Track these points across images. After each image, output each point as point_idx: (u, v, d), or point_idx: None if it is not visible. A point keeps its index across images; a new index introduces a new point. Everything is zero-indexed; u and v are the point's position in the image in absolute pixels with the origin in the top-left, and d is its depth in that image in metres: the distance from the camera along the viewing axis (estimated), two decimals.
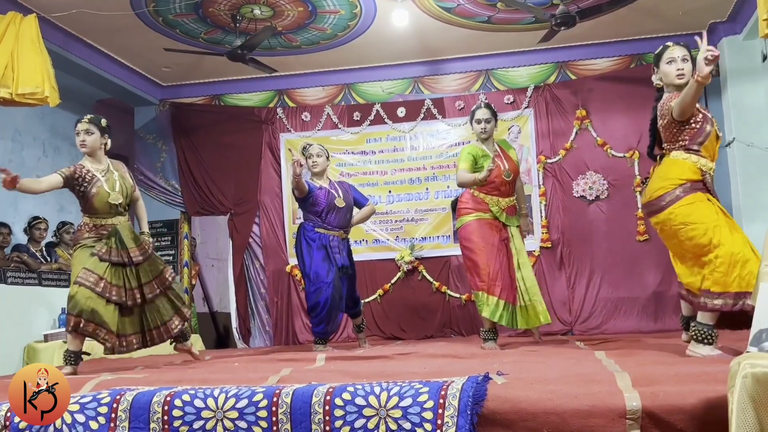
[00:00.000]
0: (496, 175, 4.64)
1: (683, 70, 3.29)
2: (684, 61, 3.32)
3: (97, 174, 4.10)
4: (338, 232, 5.09)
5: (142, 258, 4.13)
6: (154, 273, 4.20)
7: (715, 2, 6.25)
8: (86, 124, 4.12)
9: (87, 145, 4.11)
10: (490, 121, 4.74)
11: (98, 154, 4.17)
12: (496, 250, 4.58)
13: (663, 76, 3.39)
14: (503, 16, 6.38)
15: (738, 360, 1.70)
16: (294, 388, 2.23)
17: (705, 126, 3.28)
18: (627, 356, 3.31)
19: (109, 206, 4.09)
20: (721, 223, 3.14)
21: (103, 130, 4.18)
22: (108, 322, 3.92)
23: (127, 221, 4.23)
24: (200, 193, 7.60)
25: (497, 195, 4.69)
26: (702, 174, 3.25)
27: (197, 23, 6.36)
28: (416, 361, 3.62)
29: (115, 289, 4.00)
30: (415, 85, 7.53)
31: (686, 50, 3.35)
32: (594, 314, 6.73)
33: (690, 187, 3.23)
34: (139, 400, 2.30)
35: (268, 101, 7.75)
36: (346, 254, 5.13)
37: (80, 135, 4.11)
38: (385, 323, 7.14)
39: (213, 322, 8.52)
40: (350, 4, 6.07)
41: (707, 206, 3.20)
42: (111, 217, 4.12)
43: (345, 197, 5.14)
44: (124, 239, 4.09)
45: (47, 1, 5.63)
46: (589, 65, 7.18)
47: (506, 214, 4.72)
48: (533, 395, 2.06)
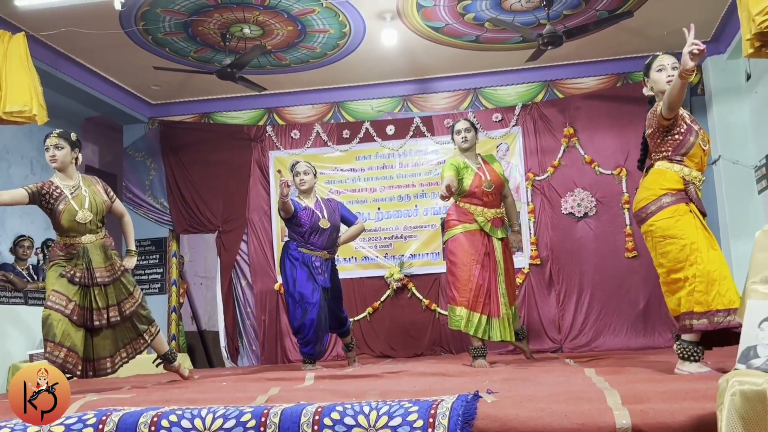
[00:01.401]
0: (476, 186, 4.72)
1: (673, 77, 3.24)
2: (674, 68, 3.33)
3: (65, 191, 4.00)
4: (321, 253, 5.06)
5: (108, 279, 4.04)
6: (119, 297, 4.11)
7: (699, 22, 6.32)
8: (56, 138, 4.04)
9: (57, 159, 4.02)
10: (470, 131, 4.86)
11: (69, 169, 4.08)
12: (480, 264, 4.63)
13: (653, 84, 3.41)
14: (491, 36, 6.45)
15: (726, 377, 1.71)
16: (282, 408, 2.21)
17: (688, 137, 3.29)
18: (616, 374, 3.31)
19: (77, 224, 3.99)
20: (700, 240, 3.15)
21: (73, 144, 4.09)
22: (77, 345, 3.87)
23: (100, 239, 4.10)
24: (188, 210, 7.58)
25: (481, 205, 4.75)
26: (684, 183, 3.25)
27: (187, 42, 6.38)
28: (406, 379, 3.60)
29: (79, 311, 3.93)
30: (404, 103, 7.57)
31: (676, 59, 3.35)
32: (583, 331, 6.73)
33: (672, 196, 3.24)
34: (126, 421, 2.27)
35: (258, 119, 7.76)
36: (328, 276, 5.07)
37: (50, 150, 4.02)
38: (375, 341, 7.10)
39: (201, 340, 8.46)
40: (339, 24, 6.12)
41: (687, 221, 3.20)
42: (80, 236, 4.02)
43: (330, 217, 5.10)
44: (92, 259, 4.00)
45: (36, 19, 5.63)
46: (576, 84, 7.25)
47: (491, 224, 4.75)
48: (523, 414, 2.05)
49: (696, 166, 3.32)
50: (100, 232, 4.11)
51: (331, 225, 5.10)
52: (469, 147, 4.85)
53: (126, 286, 4.16)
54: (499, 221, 4.80)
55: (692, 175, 3.29)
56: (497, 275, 4.68)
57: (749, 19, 4.05)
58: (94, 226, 4.06)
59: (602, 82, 7.20)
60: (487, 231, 4.72)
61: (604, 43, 6.66)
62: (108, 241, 4.17)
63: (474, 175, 4.75)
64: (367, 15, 5.99)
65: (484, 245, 4.69)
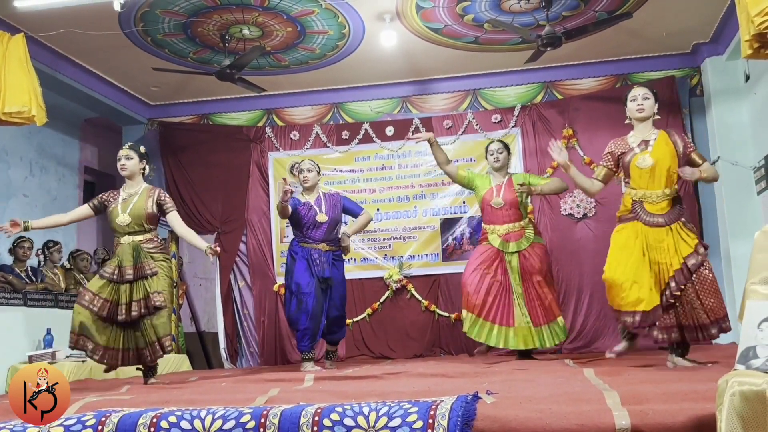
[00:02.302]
0: (486, 202, 5.15)
1: (643, 105, 3.91)
2: (645, 98, 3.92)
3: (121, 196, 4.46)
4: (320, 245, 5.14)
5: (131, 277, 4.31)
6: (142, 294, 4.31)
7: (698, 23, 6.35)
8: (127, 150, 4.52)
9: (127, 168, 4.48)
10: (501, 152, 5.23)
11: (137, 178, 4.54)
12: (489, 275, 5.02)
13: (628, 111, 3.98)
14: (490, 37, 6.45)
15: (726, 378, 1.71)
16: (282, 409, 2.21)
17: (624, 159, 3.92)
18: (616, 374, 3.31)
19: (119, 226, 4.39)
20: (616, 251, 3.89)
21: (141, 156, 4.56)
22: (95, 335, 4.21)
23: (137, 241, 4.39)
24: (188, 211, 7.55)
25: (492, 223, 5.14)
26: (632, 204, 3.86)
27: (186, 43, 6.38)
28: (405, 380, 3.60)
29: (103, 303, 4.25)
30: (404, 104, 7.57)
31: (647, 89, 3.98)
32: (583, 332, 6.73)
33: (623, 218, 3.93)
34: (125, 422, 2.26)
35: (257, 120, 7.76)
36: (328, 266, 5.12)
37: (121, 160, 4.49)
38: (374, 342, 7.10)
39: (200, 341, 8.44)
40: (339, 25, 6.12)
41: (619, 236, 3.90)
42: (121, 237, 4.41)
43: (330, 212, 5.17)
44: (124, 258, 4.34)
45: (35, 20, 5.63)
46: (575, 85, 7.25)
47: (502, 240, 5.09)
48: (522, 414, 2.05)
49: (643, 186, 3.88)
50: (142, 234, 4.42)
51: (330, 219, 5.16)
52: (500, 167, 5.22)
53: (151, 285, 4.31)
54: (513, 236, 5.10)
55: (638, 194, 3.88)
56: (510, 288, 5.04)
57: (748, 20, 4.05)
58: (134, 229, 4.40)
59: (601, 83, 7.20)
60: (497, 246, 5.08)
61: (603, 45, 6.66)
62: (149, 244, 4.42)
63: (488, 189, 5.16)
64: (367, 16, 6.00)
65: (496, 260, 5.06)
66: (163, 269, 4.42)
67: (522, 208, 5.20)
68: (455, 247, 7.17)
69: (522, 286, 5.05)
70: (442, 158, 5.26)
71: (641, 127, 3.97)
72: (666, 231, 3.78)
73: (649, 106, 3.92)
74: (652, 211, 3.82)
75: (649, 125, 3.96)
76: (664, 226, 3.79)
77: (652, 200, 3.83)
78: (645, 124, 3.96)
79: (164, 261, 4.49)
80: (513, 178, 5.24)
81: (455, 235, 7.19)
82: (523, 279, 5.05)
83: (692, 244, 3.76)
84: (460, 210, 7.23)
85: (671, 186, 3.85)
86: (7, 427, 2.28)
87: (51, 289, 6.20)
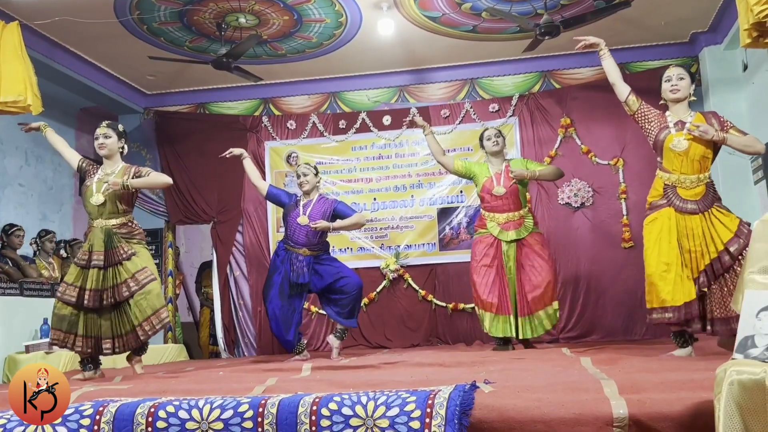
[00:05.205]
0: (486, 191, 5.14)
1: (678, 86, 3.76)
2: (680, 78, 3.77)
3: (96, 173, 4.30)
4: (302, 250, 5.14)
5: (101, 263, 4.15)
6: (114, 282, 4.19)
7: (696, 13, 6.33)
8: (105, 128, 4.36)
9: (106, 147, 4.32)
10: (498, 136, 5.24)
11: (115, 157, 4.36)
12: (489, 267, 5.05)
13: (662, 92, 3.83)
14: (488, 26, 6.42)
15: (724, 367, 1.71)
16: (280, 398, 2.21)
17: (659, 136, 3.70)
18: (613, 364, 3.32)
19: (92, 207, 4.24)
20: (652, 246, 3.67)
21: (120, 134, 4.40)
22: (79, 326, 4.13)
23: (109, 225, 4.22)
24: (184, 201, 7.54)
25: (492, 211, 5.13)
26: (664, 188, 3.68)
27: (182, 31, 6.34)
28: (403, 370, 3.61)
29: (78, 292, 4.15)
30: (401, 93, 7.54)
31: (683, 69, 3.82)
32: (580, 322, 6.74)
33: (654, 204, 3.75)
34: (123, 411, 2.26)
35: (254, 109, 7.73)
36: (308, 272, 5.11)
37: (99, 138, 4.33)
38: (371, 332, 7.11)
39: (197, 332, 8.45)
40: (336, 14, 6.08)
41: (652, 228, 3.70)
42: (94, 219, 4.25)
43: (315, 216, 5.10)
44: (94, 243, 4.20)
45: (30, 8, 5.59)
46: (573, 74, 7.23)
47: (501, 228, 5.08)
48: (520, 404, 2.05)
49: (677, 170, 3.69)
50: (113, 219, 4.24)
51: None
52: (499, 150, 5.22)
53: (121, 273, 4.19)
54: (512, 224, 5.10)
55: (672, 178, 3.69)
56: (507, 276, 5.05)
57: (747, 9, 4.04)
58: (107, 210, 4.23)
59: (599, 73, 7.12)
60: (495, 235, 5.08)
61: (602, 33, 6.52)
62: (122, 229, 4.25)
63: (487, 178, 5.15)
64: (364, 4, 5.96)
65: (494, 248, 5.07)
66: (141, 250, 4.29)
67: (522, 197, 5.19)
68: (452, 237, 7.17)
69: (516, 275, 5.05)
70: (437, 149, 5.27)
71: (676, 109, 3.81)
72: (700, 218, 3.63)
73: (684, 86, 3.77)
74: (685, 197, 3.67)
75: (685, 106, 3.81)
76: (698, 213, 3.64)
77: (686, 185, 3.67)
78: (680, 105, 3.81)
79: (140, 244, 4.32)
80: (511, 164, 5.23)
81: (452, 225, 7.19)
82: (517, 269, 5.05)
83: (732, 226, 3.58)
84: (457, 199, 7.23)
85: (706, 171, 3.71)
86: (4, 416, 2.28)
87: (35, 279, 6.08)
